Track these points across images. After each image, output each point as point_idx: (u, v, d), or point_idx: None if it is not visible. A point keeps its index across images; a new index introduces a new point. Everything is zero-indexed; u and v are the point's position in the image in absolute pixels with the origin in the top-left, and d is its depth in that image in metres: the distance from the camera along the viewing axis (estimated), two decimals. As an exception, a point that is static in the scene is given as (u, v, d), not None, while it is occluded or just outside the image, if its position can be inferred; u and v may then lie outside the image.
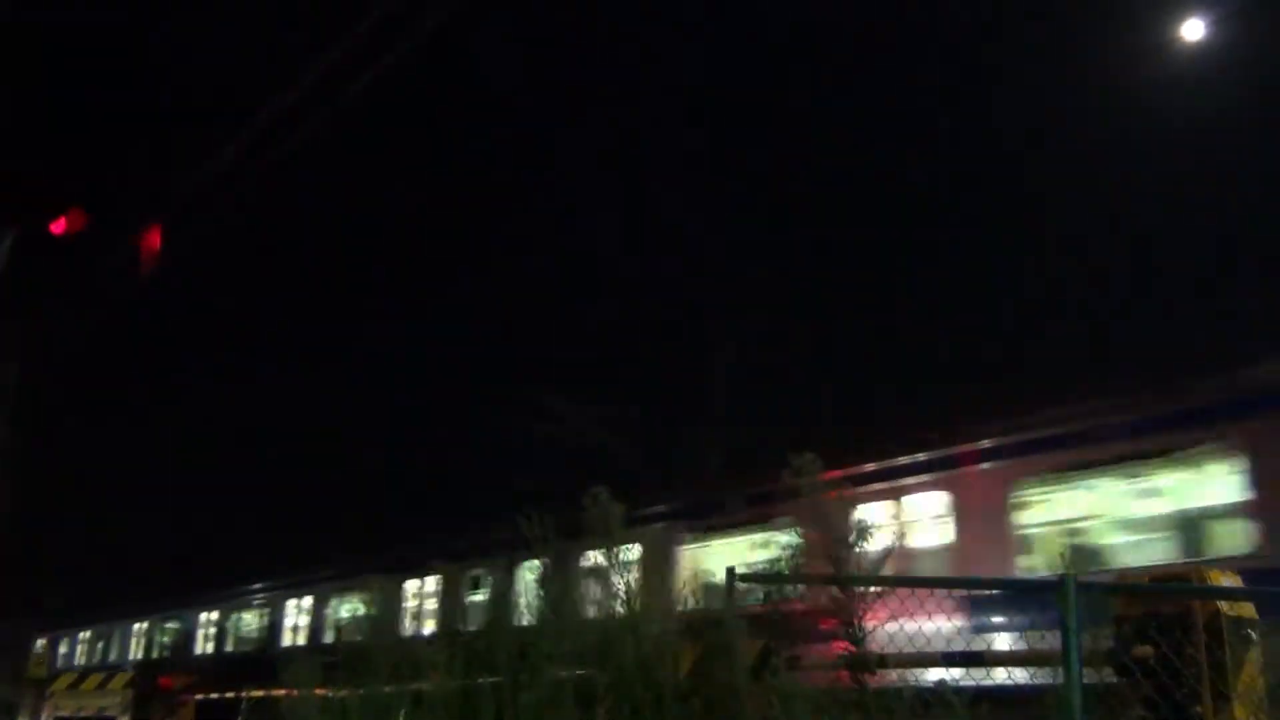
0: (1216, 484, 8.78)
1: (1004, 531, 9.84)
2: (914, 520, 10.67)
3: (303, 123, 10.92)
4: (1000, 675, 4.71)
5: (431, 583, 17.27)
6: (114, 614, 28.73)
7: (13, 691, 25.09)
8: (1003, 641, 8.59)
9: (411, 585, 17.44)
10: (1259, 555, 8.09)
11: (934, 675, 4.86)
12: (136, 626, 27.63)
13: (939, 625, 4.95)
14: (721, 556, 11.65)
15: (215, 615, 24.45)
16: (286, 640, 21.45)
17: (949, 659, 4.98)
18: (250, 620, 23.47)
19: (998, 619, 9.02)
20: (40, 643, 30.72)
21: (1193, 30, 10.65)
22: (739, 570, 5.64)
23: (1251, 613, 4.20)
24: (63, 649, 30.92)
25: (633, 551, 5.76)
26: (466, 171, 44.86)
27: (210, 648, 24.33)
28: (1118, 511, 9.48)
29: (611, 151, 38.36)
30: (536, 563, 6.17)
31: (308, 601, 21.20)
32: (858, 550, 5.24)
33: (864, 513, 10.81)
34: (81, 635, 30.48)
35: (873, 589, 5.18)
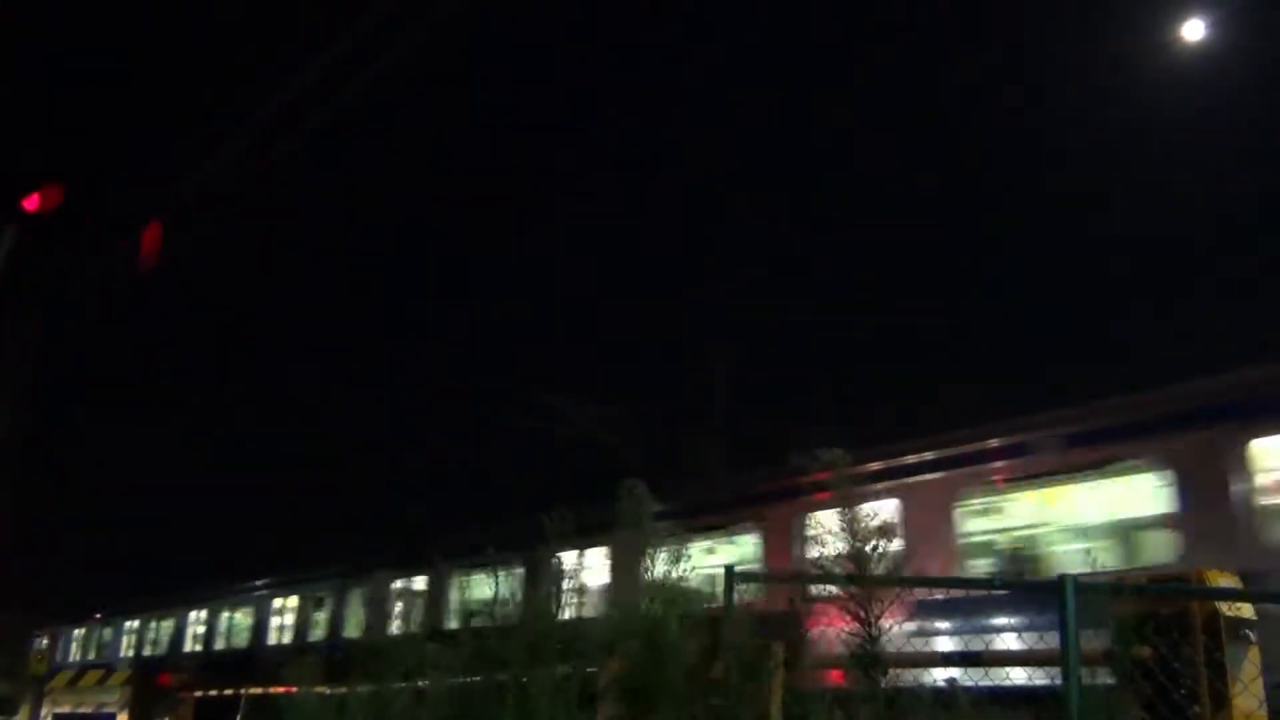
0: None
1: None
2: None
3: (303, 123, 10.92)
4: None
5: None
6: (171, 601, 28.16)
7: (12, 688, 25.06)
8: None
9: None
10: None
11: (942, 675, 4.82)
12: (194, 614, 27.08)
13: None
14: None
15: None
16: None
17: (949, 659, 4.98)
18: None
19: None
20: (41, 640, 30.67)
21: (1193, 30, 10.64)
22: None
23: (1250, 613, 4.20)
24: (65, 645, 30.78)
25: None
26: (466, 171, 44.86)
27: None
28: None
29: (611, 151, 38.35)
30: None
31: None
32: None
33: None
34: (89, 631, 30.25)
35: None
